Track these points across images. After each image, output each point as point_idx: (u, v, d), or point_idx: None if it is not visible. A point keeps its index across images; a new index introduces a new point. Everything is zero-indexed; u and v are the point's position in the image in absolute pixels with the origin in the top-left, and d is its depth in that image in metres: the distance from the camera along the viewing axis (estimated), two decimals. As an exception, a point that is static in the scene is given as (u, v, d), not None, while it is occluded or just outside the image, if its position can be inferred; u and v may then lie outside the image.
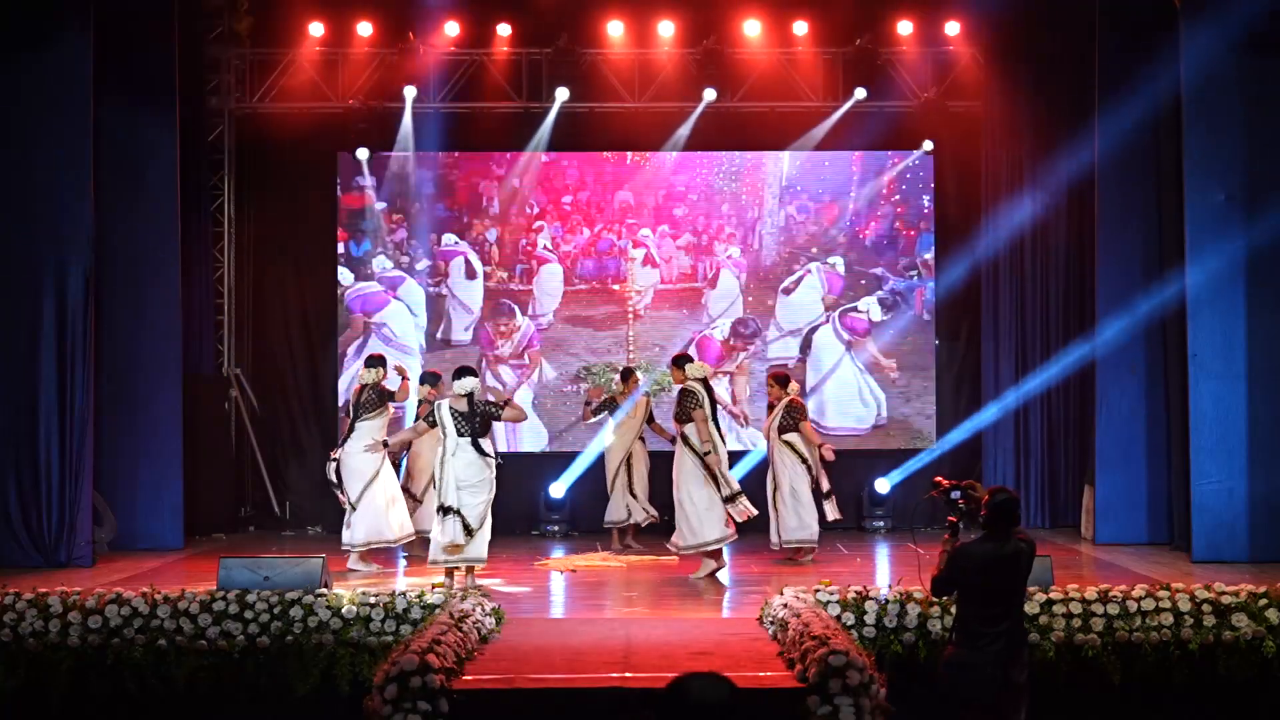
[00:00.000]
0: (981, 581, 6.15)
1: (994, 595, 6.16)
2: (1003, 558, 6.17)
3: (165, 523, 12.49)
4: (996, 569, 6.15)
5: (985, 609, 6.14)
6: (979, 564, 6.15)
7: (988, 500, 6.24)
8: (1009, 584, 6.20)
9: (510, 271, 14.74)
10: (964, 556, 6.20)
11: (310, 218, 14.73)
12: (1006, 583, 6.19)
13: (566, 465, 14.19)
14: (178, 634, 7.94)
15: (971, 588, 6.19)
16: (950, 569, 6.25)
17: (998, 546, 6.18)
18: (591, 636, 8.34)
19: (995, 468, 14.18)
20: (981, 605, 6.16)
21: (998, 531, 6.20)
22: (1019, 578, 6.25)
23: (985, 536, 6.24)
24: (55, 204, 11.54)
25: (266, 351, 14.81)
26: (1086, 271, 13.48)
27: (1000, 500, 6.22)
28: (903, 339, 14.73)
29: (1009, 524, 6.21)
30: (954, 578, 6.24)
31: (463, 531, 10.03)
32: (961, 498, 6.42)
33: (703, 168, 14.83)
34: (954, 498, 6.44)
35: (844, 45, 14.35)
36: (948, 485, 6.52)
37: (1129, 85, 12.64)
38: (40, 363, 11.48)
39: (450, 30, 14.20)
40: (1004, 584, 6.18)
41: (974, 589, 6.18)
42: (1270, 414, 11.51)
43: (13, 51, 11.43)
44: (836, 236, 14.80)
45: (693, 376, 10.97)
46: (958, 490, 6.45)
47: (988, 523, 6.22)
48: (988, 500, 6.24)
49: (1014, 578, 6.22)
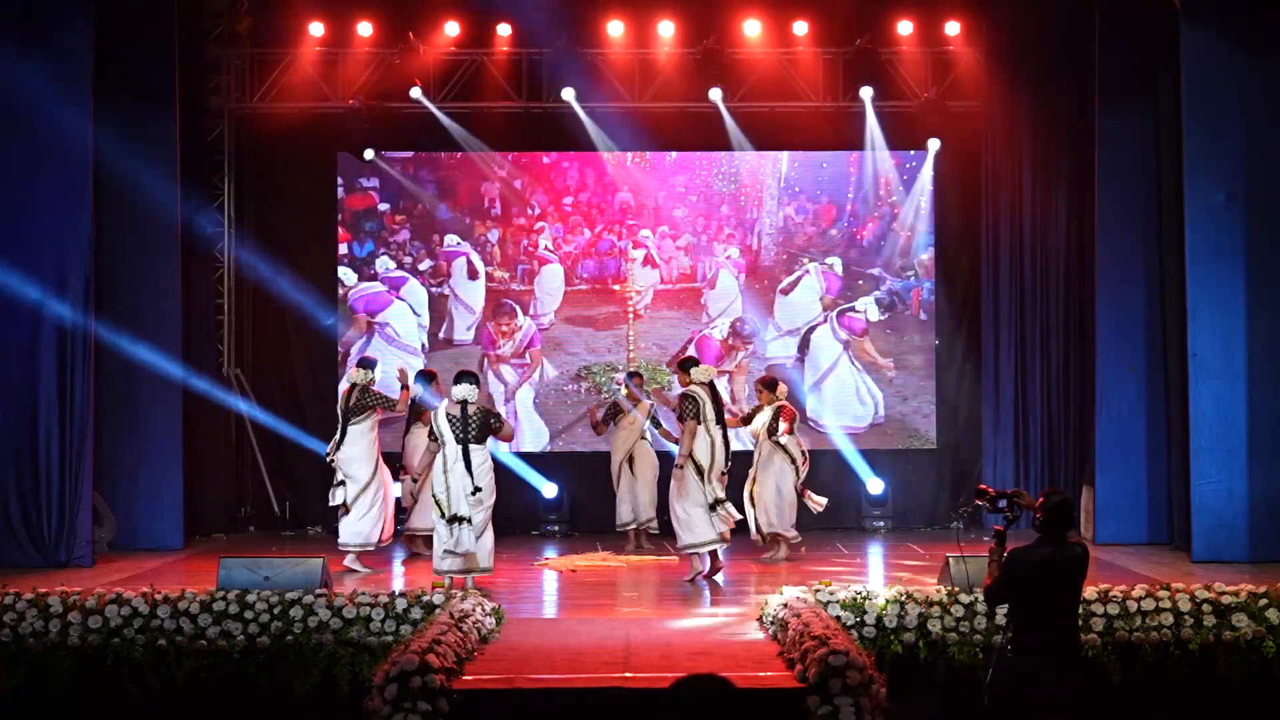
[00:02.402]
0: (1037, 587, 5.92)
1: (1049, 602, 5.94)
2: (1059, 562, 5.95)
3: (165, 523, 12.49)
4: (1053, 574, 5.94)
5: (1040, 616, 5.91)
6: (1035, 569, 5.93)
7: (1042, 502, 6.01)
8: (1064, 590, 5.99)
9: (512, 272, 14.76)
10: (1019, 563, 5.98)
11: (310, 218, 14.73)
12: (1062, 588, 5.98)
13: (567, 465, 14.20)
14: (178, 634, 7.94)
15: (1026, 595, 5.95)
16: (1005, 576, 6.00)
17: (1054, 551, 5.96)
18: (591, 636, 8.35)
19: (995, 468, 14.17)
20: (1036, 612, 5.92)
21: (1053, 535, 5.99)
22: (1075, 583, 6.03)
23: (1040, 540, 6.01)
24: (55, 204, 11.53)
25: (266, 352, 14.80)
26: (1086, 271, 13.48)
27: (1056, 502, 6.00)
28: (900, 339, 14.74)
29: (1065, 526, 6.00)
30: (1010, 585, 6.00)
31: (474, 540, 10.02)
32: (1008, 506, 6.18)
33: (702, 168, 14.83)
34: (1001, 506, 6.21)
35: (844, 45, 14.34)
36: (994, 494, 6.29)
37: (1129, 85, 12.66)
38: (40, 363, 11.48)
39: (450, 30, 14.20)
40: (1059, 590, 5.97)
41: (1028, 596, 5.94)
42: (1270, 414, 11.51)
43: (13, 51, 11.42)
44: (834, 237, 14.81)
45: (697, 380, 10.96)
46: (1004, 499, 6.22)
47: (1043, 525, 5.99)
48: (1042, 502, 6.01)
49: (1070, 583, 6.00)
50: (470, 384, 10.17)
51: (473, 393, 10.17)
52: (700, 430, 10.77)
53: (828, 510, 14.50)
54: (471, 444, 10.05)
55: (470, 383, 10.18)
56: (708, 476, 10.76)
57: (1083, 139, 13.30)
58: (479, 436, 10.09)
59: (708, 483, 10.75)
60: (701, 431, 10.77)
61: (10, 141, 11.58)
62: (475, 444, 10.07)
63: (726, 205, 14.81)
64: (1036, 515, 6.03)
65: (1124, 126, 12.72)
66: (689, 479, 10.75)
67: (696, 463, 10.76)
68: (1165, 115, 12.31)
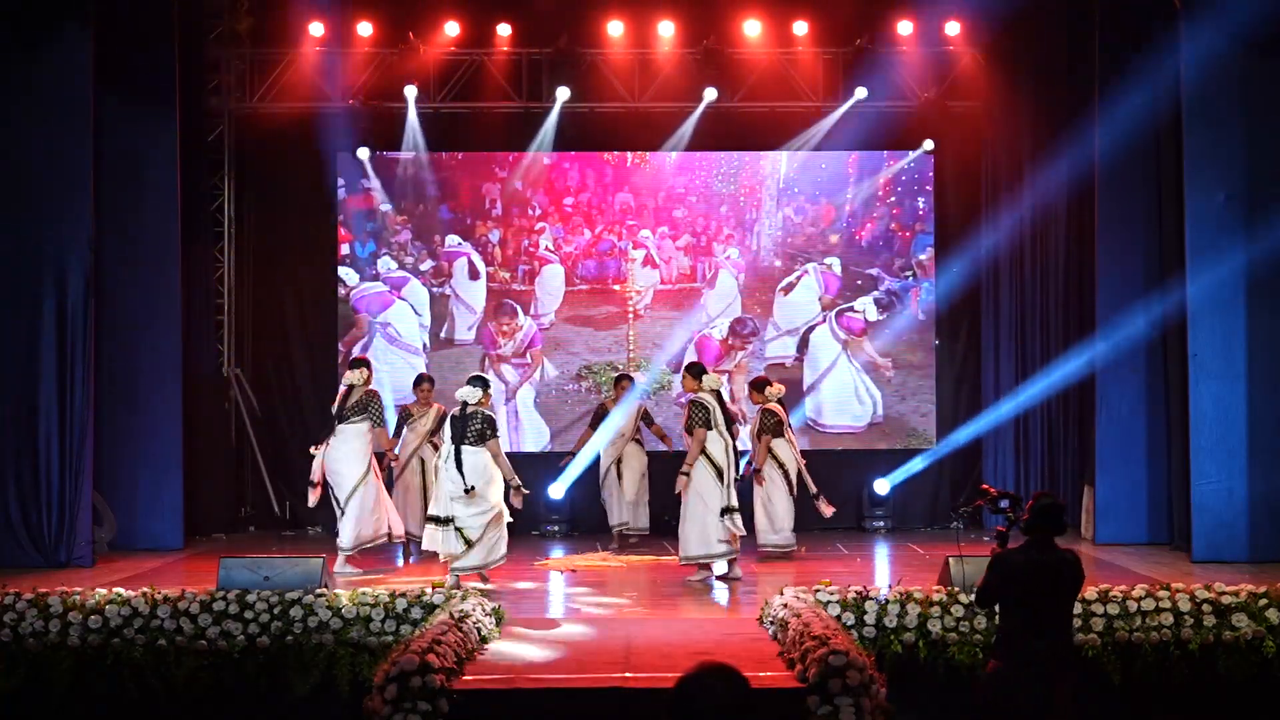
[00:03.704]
0: (1022, 591, 5.92)
1: (1036, 607, 5.91)
2: (1044, 566, 5.93)
3: (165, 523, 12.49)
4: (1037, 578, 5.92)
5: (1027, 621, 5.90)
6: (1019, 572, 5.94)
7: (1031, 504, 6.01)
8: (1051, 595, 5.95)
9: (513, 272, 14.77)
10: (1003, 563, 6.00)
11: (310, 218, 14.73)
12: (1049, 594, 5.94)
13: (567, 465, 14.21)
14: (178, 634, 7.94)
15: (1013, 598, 5.96)
16: (990, 576, 6.02)
17: (1039, 554, 5.96)
18: (591, 636, 8.35)
19: (995, 468, 14.18)
20: (1023, 617, 5.92)
21: (1040, 538, 5.98)
22: (1063, 589, 5.99)
23: (1027, 544, 6.02)
24: (55, 204, 11.54)
25: (266, 351, 14.81)
26: (1086, 272, 13.48)
27: (1043, 505, 5.99)
28: (899, 339, 14.74)
29: (1052, 530, 5.98)
30: (994, 586, 6.01)
31: (459, 542, 10.10)
32: (1010, 506, 6.20)
33: (702, 169, 14.83)
34: (1003, 506, 6.23)
35: (844, 45, 14.34)
36: (996, 494, 6.31)
37: (1129, 85, 12.64)
38: (40, 363, 11.49)
39: (450, 30, 14.20)
40: (1046, 595, 5.93)
41: (1015, 599, 5.95)
42: (1270, 414, 11.51)
43: (13, 51, 11.44)
44: (833, 237, 14.81)
45: (708, 388, 10.96)
46: (1006, 499, 6.24)
47: (1029, 527, 6.00)
48: (1031, 504, 6.01)
49: (1056, 589, 5.96)
50: (474, 387, 10.31)
51: (474, 395, 10.25)
52: (713, 435, 10.76)
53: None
54: (465, 445, 10.12)
55: (475, 386, 10.33)
56: (726, 479, 10.74)
57: (1083, 139, 13.31)
58: (476, 439, 10.15)
59: (725, 485, 10.74)
60: (714, 436, 10.77)
61: (10, 141, 11.58)
62: (469, 445, 10.13)
63: (726, 205, 14.82)
64: (1024, 517, 6.03)
65: (1124, 126, 12.71)
66: (705, 483, 10.71)
67: (715, 464, 10.73)
68: (1165, 115, 12.31)
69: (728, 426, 10.88)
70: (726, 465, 10.76)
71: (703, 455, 10.77)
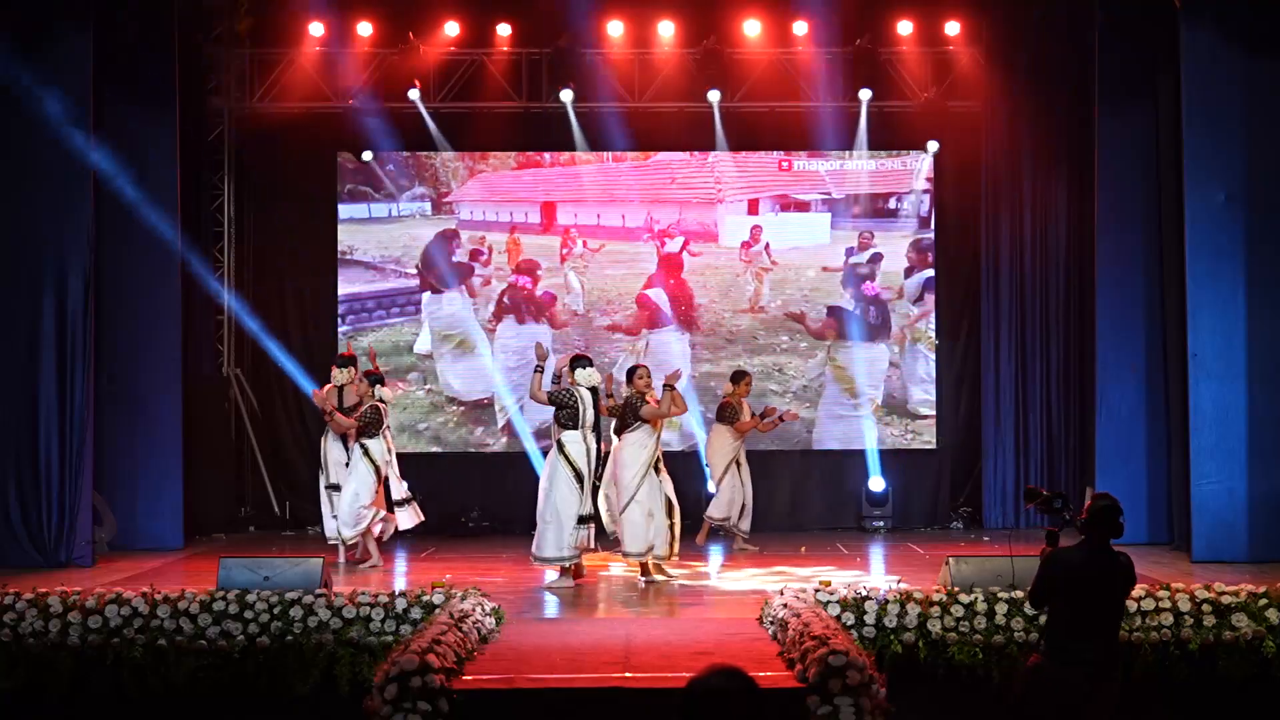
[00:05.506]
0: (1073, 591, 5.89)
1: (1085, 607, 5.89)
2: (1096, 568, 5.92)
3: (165, 523, 12.49)
4: (1089, 579, 5.90)
5: (1074, 621, 5.88)
6: (1071, 572, 5.91)
7: (1089, 505, 5.99)
8: (1102, 597, 5.94)
9: (513, 272, 14.75)
10: (1055, 562, 5.97)
11: (310, 218, 14.73)
12: (1099, 595, 5.93)
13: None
14: (178, 634, 7.93)
15: (1065, 597, 5.92)
16: (1042, 575, 5.99)
17: (1092, 555, 5.94)
18: (591, 636, 8.34)
19: (995, 468, 14.18)
20: (1070, 617, 5.90)
21: (1095, 539, 5.96)
22: (1114, 592, 5.99)
23: (1081, 544, 5.99)
24: (55, 204, 11.54)
25: (266, 351, 14.79)
26: (1086, 271, 13.48)
27: (1102, 506, 5.97)
28: (899, 338, 14.73)
29: (1108, 532, 5.96)
30: (1046, 585, 5.98)
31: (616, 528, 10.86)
32: (1063, 506, 6.17)
33: (701, 169, 14.83)
34: (1056, 506, 6.19)
35: (844, 45, 14.33)
36: (1048, 494, 6.28)
37: (1129, 85, 12.66)
38: (40, 363, 11.48)
39: (450, 30, 14.20)
40: (1096, 596, 5.92)
41: (1065, 598, 5.92)
42: (1270, 414, 11.51)
43: (13, 52, 11.42)
44: (833, 238, 14.79)
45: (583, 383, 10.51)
46: (1060, 499, 6.20)
47: (1086, 528, 5.97)
48: (1089, 505, 5.99)
49: (1108, 591, 5.96)
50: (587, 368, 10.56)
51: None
52: (574, 435, 10.38)
53: (828, 510, 14.54)
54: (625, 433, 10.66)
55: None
56: (586, 484, 10.36)
57: (1083, 139, 13.30)
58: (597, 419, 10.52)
59: (584, 492, 10.37)
60: (575, 436, 10.38)
61: (10, 141, 11.57)
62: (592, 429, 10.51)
63: (724, 205, 14.81)
64: (1081, 517, 6.01)
65: (1124, 126, 12.72)
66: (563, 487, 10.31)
67: (575, 466, 10.32)
68: (1165, 115, 12.31)
69: (594, 427, 10.50)
70: (587, 470, 10.36)
71: (562, 457, 10.37)
